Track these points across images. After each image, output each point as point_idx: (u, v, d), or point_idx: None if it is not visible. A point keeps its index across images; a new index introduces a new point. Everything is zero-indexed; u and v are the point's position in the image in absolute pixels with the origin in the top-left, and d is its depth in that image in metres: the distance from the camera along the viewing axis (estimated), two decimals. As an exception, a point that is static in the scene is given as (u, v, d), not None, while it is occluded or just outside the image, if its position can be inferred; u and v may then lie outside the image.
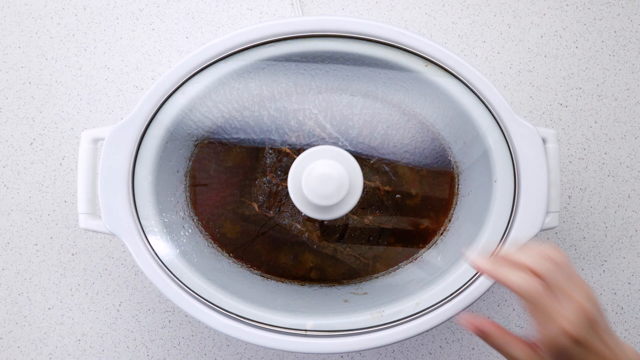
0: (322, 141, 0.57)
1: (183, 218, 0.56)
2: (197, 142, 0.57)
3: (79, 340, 0.65)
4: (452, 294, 0.51)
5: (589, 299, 0.41)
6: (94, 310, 0.65)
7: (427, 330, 0.51)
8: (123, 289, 0.65)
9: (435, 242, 0.57)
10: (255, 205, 0.57)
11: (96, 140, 0.53)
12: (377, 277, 0.57)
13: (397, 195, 0.57)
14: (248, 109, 0.57)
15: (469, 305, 0.51)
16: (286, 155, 0.57)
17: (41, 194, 0.66)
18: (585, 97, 0.67)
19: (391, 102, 0.57)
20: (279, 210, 0.57)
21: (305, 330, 0.51)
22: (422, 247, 0.57)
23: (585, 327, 0.40)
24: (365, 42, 0.52)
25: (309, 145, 0.56)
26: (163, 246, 0.53)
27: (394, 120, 0.57)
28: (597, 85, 0.67)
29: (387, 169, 0.57)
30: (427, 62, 0.52)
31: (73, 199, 0.66)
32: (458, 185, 0.58)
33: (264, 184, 0.57)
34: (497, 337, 0.44)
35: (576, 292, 0.41)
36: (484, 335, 0.44)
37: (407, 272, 0.57)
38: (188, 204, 0.57)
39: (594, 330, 0.40)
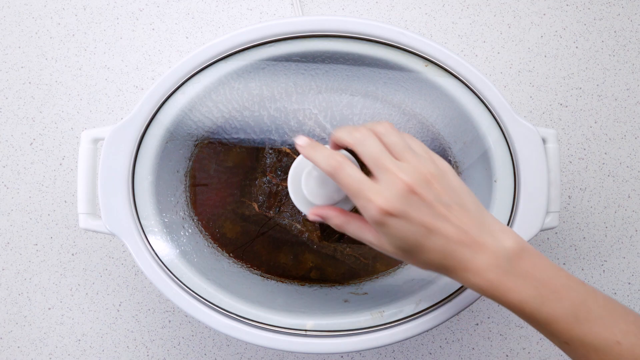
0: (322, 141, 0.57)
1: (183, 218, 0.56)
2: (197, 142, 0.57)
3: (79, 340, 0.65)
4: (452, 294, 0.51)
5: (413, 171, 0.39)
6: (94, 310, 0.65)
7: (427, 330, 0.52)
8: (123, 289, 0.65)
9: (435, 242, 0.57)
10: (255, 205, 0.57)
11: (96, 140, 0.53)
12: (377, 277, 0.57)
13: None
14: (248, 109, 0.57)
15: (468, 305, 0.51)
16: (286, 155, 0.57)
17: (41, 194, 0.66)
18: (585, 97, 0.67)
19: (391, 102, 0.57)
20: (279, 210, 0.57)
21: (305, 330, 0.51)
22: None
23: (402, 200, 0.38)
24: (365, 42, 0.52)
25: (309, 145, 0.56)
26: (163, 246, 0.53)
27: (394, 120, 0.57)
28: (597, 85, 0.67)
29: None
30: (427, 62, 0.52)
31: (73, 199, 0.66)
32: (458, 185, 0.58)
33: (264, 184, 0.57)
34: (337, 219, 0.43)
35: (394, 164, 0.39)
36: (325, 219, 0.44)
37: (407, 272, 0.57)
38: (188, 204, 0.57)
39: (421, 203, 0.38)
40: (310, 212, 0.45)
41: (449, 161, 0.57)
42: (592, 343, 0.38)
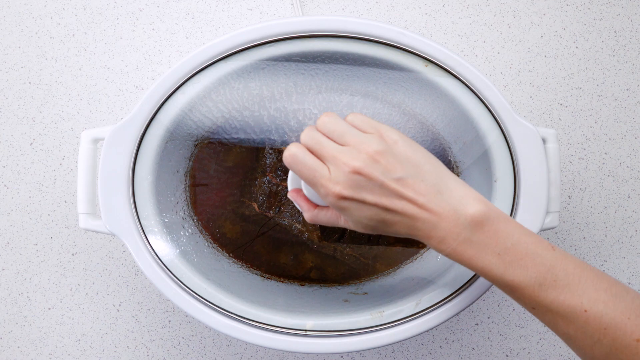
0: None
1: (183, 218, 0.56)
2: (197, 142, 0.57)
3: (79, 340, 0.65)
4: (452, 294, 0.51)
5: (356, 153, 0.39)
6: (94, 310, 0.65)
7: (427, 330, 0.52)
8: (123, 289, 0.65)
9: (435, 242, 0.57)
10: (255, 205, 0.57)
11: (96, 140, 0.53)
12: (377, 277, 0.57)
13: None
14: (248, 109, 0.57)
15: (468, 305, 0.51)
16: (286, 155, 0.57)
17: (41, 194, 0.66)
18: (585, 97, 0.67)
19: (391, 102, 0.57)
20: (279, 210, 0.57)
21: (305, 330, 0.51)
22: (422, 247, 0.57)
23: (352, 183, 0.39)
24: (365, 42, 0.52)
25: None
26: (163, 246, 0.53)
27: (394, 120, 0.57)
28: (597, 85, 0.67)
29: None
30: (427, 62, 0.52)
31: (73, 199, 0.66)
32: (458, 185, 0.58)
33: (264, 184, 0.57)
34: (307, 213, 0.46)
35: (337, 150, 0.40)
36: (300, 209, 0.47)
37: (407, 272, 0.57)
38: (188, 204, 0.57)
39: (370, 183, 0.39)
40: (289, 193, 0.48)
41: (449, 161, 0.57)
42: (558, 310, 0.38)
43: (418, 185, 0.39)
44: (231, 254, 0.57)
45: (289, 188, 0.50)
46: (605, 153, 0.67)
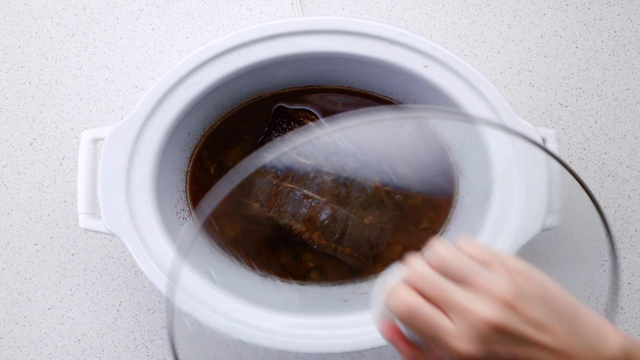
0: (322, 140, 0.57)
1: (183, 218, 0.56)
2: (197, 142, 0.57)
3: (79, 340, 0.65)
4: (452, 294, 0.51)
5: (488, 301, 0.33)
6: (94, 310, 0.65)
7: (427, 330, 0.51)
8: (123, 289, 0.65)
9: (435, 242, 0.57)
10: (255, 205, 0.57)
11: (96, 140, 0.53)
12: (377, 277, 0.57)
13: (397, 196, 0.57)
14: (248, 109, 0.57)
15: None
16: (285, 155, 0.57)
17: (41, 194, 0.66)
18: (585, 97, 0.67)
19: (390, 101, 0.57)
20: (279, 211, 0.57)
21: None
22: (423, 247, 0.57)
23: (485, 341, 0.33)
24: (364, 42, 0.52)
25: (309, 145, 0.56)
26: (163, 246, 0.53)
27: (393, 119, 0.57)
28: (597, 85, 0.67)
29: (387, 169, 0.57)
30: (427, 62, 0.52)
31: (73, 199, 0.66)
32: (458, 185, 0.58)
33: (264, 184, 0.57)
34: (406, 355, 0.37)
35: (463, 297, 0.33)
36: (395, 348, 0.38)
37: (407, 272, 0.57)
38: (188, 203, 0.57)
39: (508, 337, 0.33)
40: (383, 331, 0.38)
41: (449, 161, 0.57)
42: None
43: (558, 327, 0.33)
44: (231, 254, 0.57)
45: (378, 321, 0.39)
46: (605, 153, 0.67)
